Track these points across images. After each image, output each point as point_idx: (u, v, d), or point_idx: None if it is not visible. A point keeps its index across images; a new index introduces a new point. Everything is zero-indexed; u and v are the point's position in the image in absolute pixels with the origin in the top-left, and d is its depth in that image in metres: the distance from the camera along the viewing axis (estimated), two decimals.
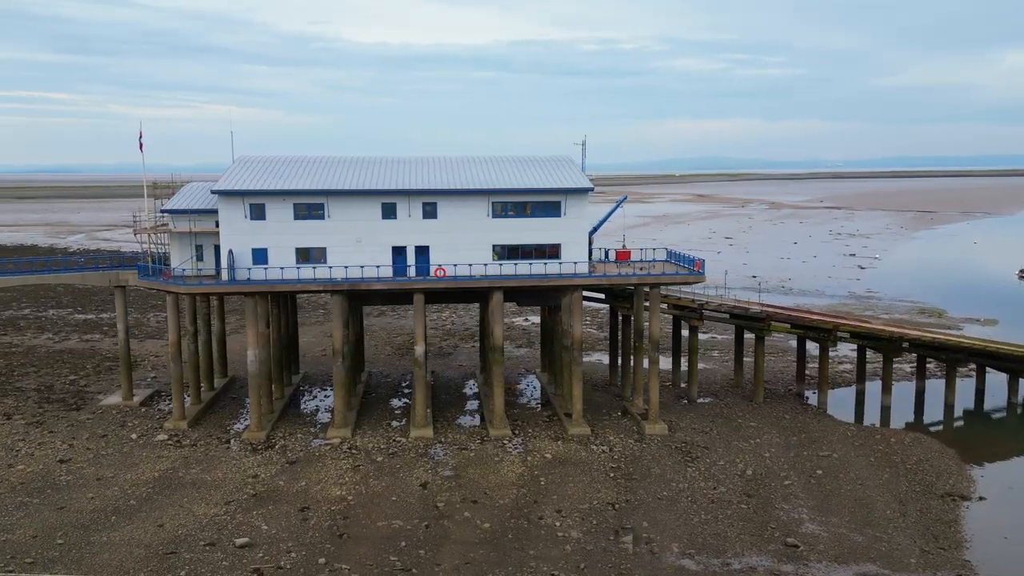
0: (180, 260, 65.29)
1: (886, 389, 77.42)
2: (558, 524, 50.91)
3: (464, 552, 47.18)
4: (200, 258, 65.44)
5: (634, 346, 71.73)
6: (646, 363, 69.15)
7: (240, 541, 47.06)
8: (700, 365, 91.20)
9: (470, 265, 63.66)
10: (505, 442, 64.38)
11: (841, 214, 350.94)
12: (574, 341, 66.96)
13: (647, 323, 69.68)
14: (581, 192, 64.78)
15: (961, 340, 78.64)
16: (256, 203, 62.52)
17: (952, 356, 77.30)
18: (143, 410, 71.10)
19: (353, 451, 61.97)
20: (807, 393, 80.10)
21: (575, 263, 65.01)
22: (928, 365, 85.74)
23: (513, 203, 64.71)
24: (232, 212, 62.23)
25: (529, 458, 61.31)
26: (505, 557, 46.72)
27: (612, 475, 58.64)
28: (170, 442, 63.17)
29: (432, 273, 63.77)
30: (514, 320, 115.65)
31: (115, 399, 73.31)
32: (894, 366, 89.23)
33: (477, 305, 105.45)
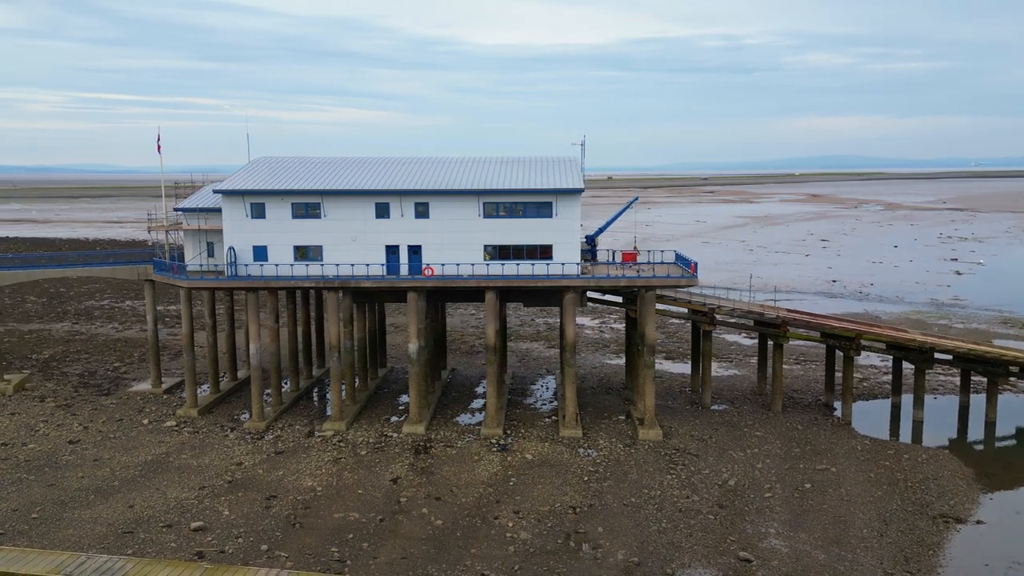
0: (192, 256, 68.78)
1: (917, 403, 73.19)
2: (511, 525, 50.92)
3: (406, 547, 47.90)
4: (211, 254, 68.71)
5: (637, 349, 70.58)
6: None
7: (195, 525, 49.38)
8: (732, 371, 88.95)
9: (457, 265, 64.31)
10: (493, 441, 64.67)
11: (961, 216, 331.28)
12: (567, 342, 66.59)
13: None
14: (572, 193, 64.28)
15: (1002, 353, 73.29)
16: (256, 202, 65.19)
17: (990, 369, 72.29)
18: (165, 397, 75.28)
19: (341, 444, 63.73)
20: (836, 404, 76.69)
21: (563, 264, 64.50)
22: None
23: (504, 203, 64.91)
24: (234, 211, 65.09)
25: (509, 458, 61.43)
26: (443, 554, 47.17)
27: (586, 479, 58.04)
28: (175, 428, 66.69)
29: (421, 272, 64.76)
30: (558, 321, 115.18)
31: (144, 386, 77.89)
32: (946, 380, 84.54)
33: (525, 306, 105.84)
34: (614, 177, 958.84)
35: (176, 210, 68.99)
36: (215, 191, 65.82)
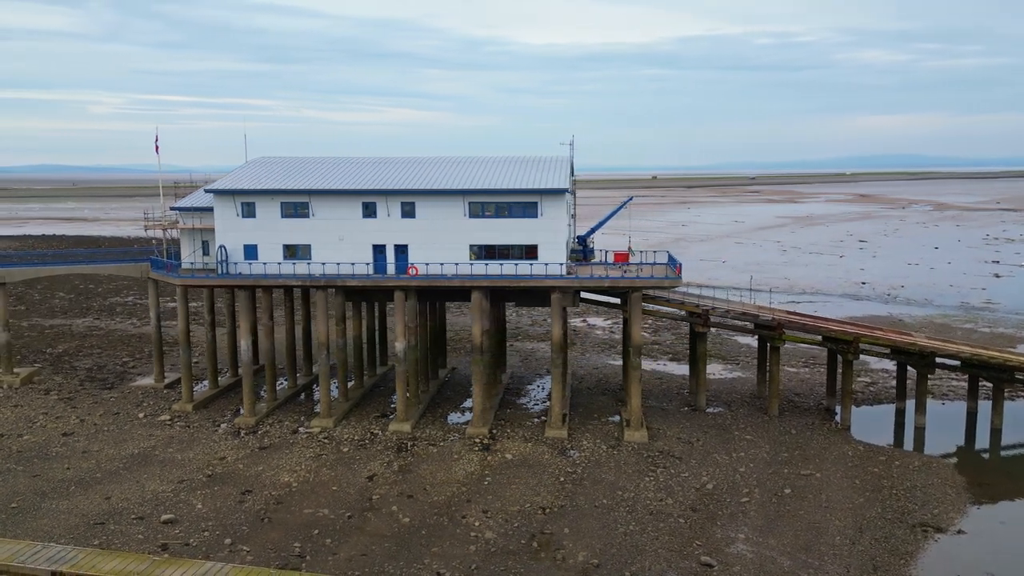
0: (188, 254, 70.22)
1: (920, 408, 71.48)
2: (477, 524, 50.99)
3: (368, 544, 48.29)
4: (206, 252, 70.04)
5: (626, 351, 70.08)
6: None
7: (165, 517, 50.42)
8: (737, 374, 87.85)
9: (441, 264, 64.59)
10: (478, 440, 64.80)
11: (1013, 216, 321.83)
12: (554, 342, 66.44)
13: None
14: (556, 193, 64.06)
15: (1007, 358, 71.06)
16: (247, 202, 66.29)
17: (994, 375, 70.27)
18: (166, 392, 76.88)
19: (326, 441, 64.45)
20: (839, 408, 75.18)
21: (546, 264, 64.32)
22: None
23: (489, 203, 64.99)
24: (225, 210, 66.27)
25: (489, 457, 61.51)
26: (404, 552, 47.46)
27: (562, 480, 57.85)
28: (168, 422, 68.13)
29: (406, 271, 65.20)
30: (573, 322, 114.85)
31: (148, 381, 79.70)
32: (957, 385, 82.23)
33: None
34: (658, 176, 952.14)
35: (172, 209, 70.50)
36: (206, 191, 67.10)
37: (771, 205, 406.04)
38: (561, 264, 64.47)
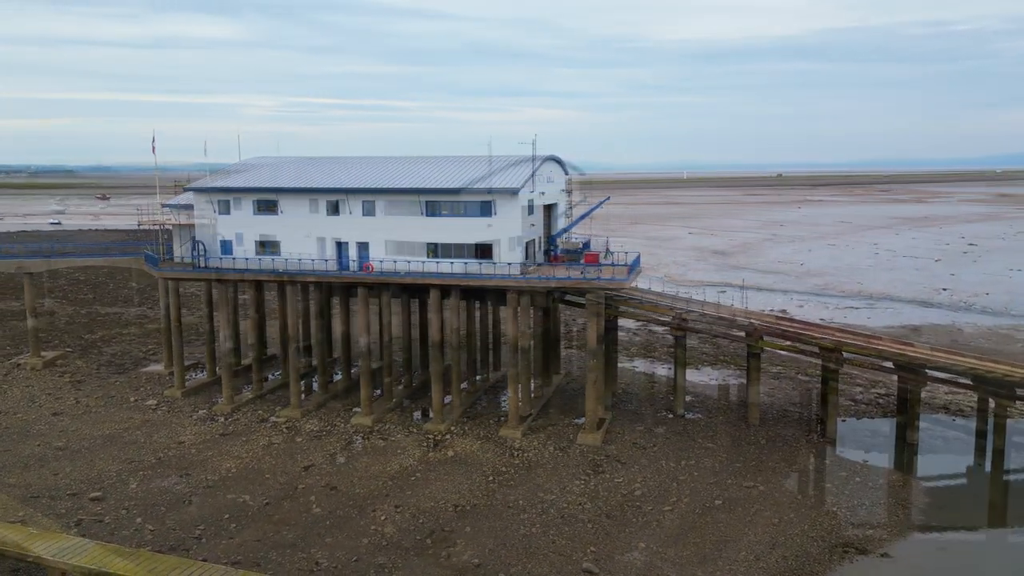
0: (178, 248, 74.32)
1: (911, 424, 67.10)
2: (383, 519, 51.84)
3: (267, 531, 49.98)
4: (194, 247, 73.80)
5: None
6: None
7: (93, 495, 53.84)
8: (743, 380, 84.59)
9: (395, 261, 65.69)
10: (431, 436, 65.54)
11: None
12: (511, 342, 66.32)
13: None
14: (509, 193, 63.87)
15: (1009, 371, 65.34)
16: (223, 199, 69.50)
17: (991, 390, 64.94)
18: (168, 378, 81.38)
19: (286, 431, 66.76)
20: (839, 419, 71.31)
21: (495, 264, 64.26)
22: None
23: (444, 202, 65.53)
24: (204, 207, 69.75)
25: (431, 454, 62.15)
26: (298, 540, 48.90)
27: (491, 479, 57.86)
28: (153, 407, 72.29)
29: (362, 268, 66.67)
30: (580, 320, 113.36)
31: (158, 367, 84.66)
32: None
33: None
34: (784, 175, 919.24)
35: (164, 206, 74.73)
36: (185, 189, 70.83)
37: (892, 205, 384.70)
38: (510, 264, 64.22)
